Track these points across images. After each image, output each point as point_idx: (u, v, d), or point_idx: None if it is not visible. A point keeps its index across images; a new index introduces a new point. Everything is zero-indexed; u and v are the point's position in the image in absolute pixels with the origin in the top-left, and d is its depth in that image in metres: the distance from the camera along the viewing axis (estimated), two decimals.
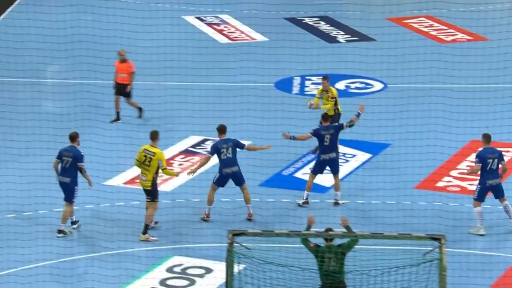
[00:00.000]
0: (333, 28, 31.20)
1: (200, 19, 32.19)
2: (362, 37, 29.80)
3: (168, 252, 16.51)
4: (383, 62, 25.71)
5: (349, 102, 21.87)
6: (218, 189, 17.65)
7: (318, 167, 18.24)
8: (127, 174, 19.63)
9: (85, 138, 17.86)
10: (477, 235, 16.98)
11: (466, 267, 15.25)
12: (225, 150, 17.36)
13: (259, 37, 29.92)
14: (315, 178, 18.28)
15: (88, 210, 17.78)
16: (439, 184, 19.27)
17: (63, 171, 17.07)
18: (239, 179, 17.51)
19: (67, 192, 17.04)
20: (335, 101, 20.15)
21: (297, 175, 19.80)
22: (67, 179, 17.02)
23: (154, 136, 17.11)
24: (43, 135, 19.24)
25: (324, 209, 17.77)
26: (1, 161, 19.96)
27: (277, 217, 17.72)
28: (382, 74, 25.84)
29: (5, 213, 17.92)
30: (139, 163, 17.00)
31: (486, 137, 17.18)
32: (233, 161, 17.41)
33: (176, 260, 16.26)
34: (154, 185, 16.93)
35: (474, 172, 17.08)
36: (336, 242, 13.56)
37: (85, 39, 24.02)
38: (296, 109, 20.99)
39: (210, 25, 31.51)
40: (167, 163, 17.39)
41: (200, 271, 15.89)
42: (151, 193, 16.92)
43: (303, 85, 25.62)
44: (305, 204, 18.10)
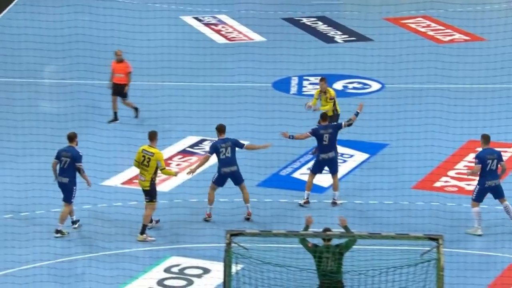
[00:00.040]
0: (331, 28, 31.19)
1: (198, 19, 32.16)
2: (360, 37, 29.79)
3: (166, 252, 16.50)
4: (381, 62, 25.70)
5: (347, 102, 21.88)
6: (217, 189, 17.64)
7: (317, 167, 18.24)
8: (125, 175, 19.61)
9: (83, 139, 17.84)
10: (475, 235, 16.98)
11: (464, 267, 15.25)
12: (224, 150, 17.36)
13: (257, 37, 29.90)
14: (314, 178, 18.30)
15: (86, 211, 17.76)
16: (437, 184, 19.26)
17: (62, 172, 17.06)
18: (238, 179, 17.50)
19: (66, 193, 17.03)
20: (334, 102, 20.16)
21: (295, 175, 19.79)
22: (66, 180, 17.00)
23: (153, 137, 17.10)
24: (40, 136, 19.21)
25: (322, 209, 17.76)
26: None
27: (275, 217, 17.71)
28: (380, 74, 25.83)
29: (3, 214, 17.89)
30: (138, 164, 16.99)
31: (485, 138, 17.13)
32: (232, 161, 17.40)
33: (174, 260, 16.25)
34: (153, 185, 16.92)
35: (474, 173, 17.02)
36: (334, 242, 13.56)
37: (82, 39, 24.00)
38: (294, 109, 20.98)
39: (208, 25, 31.49)
40: (165, 163, 17.37)
41: (198, 271, 15.88)
42: (150, 193, 16.91)
43: (301, 85, 25.61)
44: (306, 204, 18.10)
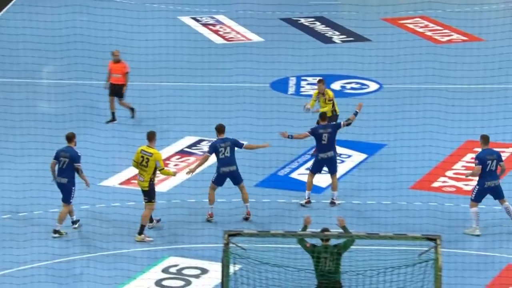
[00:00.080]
0: (329, 29, 31.21)
1: (196, 20, 32.17)
2: (358, 38, 29.81)
3: (164, 253, 16.50)
4: (379, 63, 25.70)
5: (345, 103, 21.88)
6: (217, 189, 17.64)
7: (316, 166, 18.24)
8: (123, 175, 19.61)
9: (81, 139, 17.84)
10: (473, 235, 16.98)
11: (462, 267, 15.25)
12: (223, 150, 17.36)
13: (255, 38, 29.91)
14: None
15: (84, 211, 17.75)
16: (435, 185, 19.27)
17: (60, 172, 17.05)
18: (237, 178, 17.50)
19: (65, 193, 17.02)
20: (332, 103, 20.16)
21: (293, 176, 19.80)
22: (65, 180, 16.99)
23: (151, 137, 17.10)
24: (38, 136, 19.21)
25: (320, 210, 17.77)
26: None
27: (273, 218, 17.71)
28: (378, 75, 25.85)
29: (1, 214, 17.87)
30: (137, 164, 16.98)
31: (484, 138, 17.08)
32: (231, 160, 17.41)
33: (172, 261, 16.25)
34: (151, 186, 16.91)
35: (475, 174, 16.94)
36: (332, 242, 13.56)
37: (80, 40, 23.99)
38: (292, 110, 20.99)
39: (206, 26, 31.49)
40: (164, 164, 17.36)
41: (196, 272, 15.88)
42: (148, 194, 16.90)
43: (299, 86, 25.62)
44: (308, 204, 18.09)
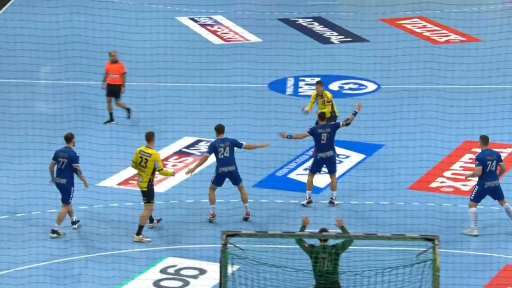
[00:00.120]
0: (327, 29, 31.22)
1: (194, 20, 32.17)
2: (356, 38, 29.82)
3: (162, 253, 16.49)
4: (377, 63, 25.73)
5: (343, 103, 21.88)
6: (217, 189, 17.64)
7: (316, 166, 18.24)
8: (121, 175, 19.60)
9: (79, 139, 17.83)
10: (471, 236, 16.98)
11: (460, 268, 15.26)
12: (223, 150, 17.37)
13: (253, 38, 29.91)
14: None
15: (82, 211, 17.74)
16: (433, 185, 19.28)
17: (59, 172, 17.03)
18: (236, 178, 17.50)
19: (64, 193, 17.00)
20: (331, 104, 20.15)
21: (291, 176, 19.80)
22: (64, 180, 16.98)
23: (150, 137, 17.09)
24: (36, 136, 19.20)
25: (319, 210, 17.78)
26: None
27: (271, 218, 17.71)
28: (376, 75, 25.86)
29: None
30: (135, 165, 16.97)
31: (484, 139, 17.03)
32: (230, 160, 17.41)
33: (170, 261, 16.24)
34: (150, 186, 16.90)
35: (475, 176, 16.89)
36: (331, 243, 13.56)
37: (78, 40, 23.98)
38: (290, 110, 20.99)
39: (204, 26, 31.49)
40: (162, 164, 17.34)
41: (194, 272, 15.87)
42: (147, 194, 16.89)
43: (297, 86, 25.62)
44: (309, 204, 18.09)
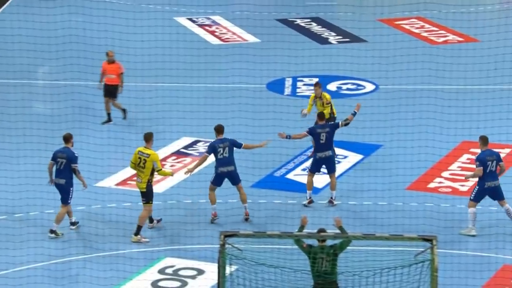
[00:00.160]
0: (325, 30, 31.23)
1: (192, 20, 32.17)
2: (354, 39, 29.83)
3: (160, 254, 16.49)
4: (375, 63, 25.74)
5: (341, 104, 21.89)
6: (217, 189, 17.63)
7: (315, 166, 18.25)
8: (119, 176, 19.60)
9: (77, 140, 17.81)
10: (469, 236, 16.98)
11: (458, 268, 15.26)
12: (222, 150, 17.36)
13: (251, 38, 29.92)
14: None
15: (80, 212, 17.73)
16: (431, 185, 19.28)
17: (58, 173, 17.02)
18: (235, 179, 17.50)
19: (63, 194, 16.99)
20: (330, 105, 20.15)
21: (289, 176, 19.80)
22: (63, 181, 16.96)
23: (148, 138, 17.06)
24: (34, 137, 19.19)
25: (317, 210, 17.78)
26: None
27: (269, 218, 17.71)
28: (374, 75, 25.87)
29: None
30: (134, 166, 16.95)
31: (483, 140, 17.01)
32: (229, 161, 17.41)
33: (168, 262, 16.24)
34: (149, 187, 16.88)
35: (476, 176, 16.86)
36: (329, 243, 13.55)
37: (76, 40, 23.97)
38: (288, 110, 20.98)
39: (202, 26, 31.50)
40: (161, 164, 17.33)
41: (192, 273, 15.87)
42: (146, 195, 16.88)
43: (295, 87, 25.63)
44: (310, 204, 18.08)
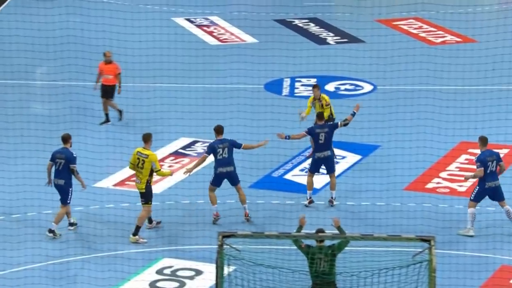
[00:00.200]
0: (323, 30, 31.24)
1: (190, 21, 32.16)
2: (352, 39, 29.84)
3: (158, 254, 16.48)
4: (373, 64, 25.74)
5: (339, 104, 21.89)
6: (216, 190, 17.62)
7: (314, 166, 18.25)
8: (117, 176, 19.58)
9: (74, 140, 17.79)
10: (466, 236, 16.99)
11: (456, 268, 15.26)
12: (221, 150, 17.36)
13: (249, 39, 29.92)
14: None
15: (78, 212, 17.71)
16: (429, 186, 19.28)
17: (57, 173, 17.01)
18: (234, 179, 17.50)
19: (62, 194, 16.97)
20: (329, 107, 20.15)
21: (287, 177, 19.80)
22: (62, 181, 16.95)
23: (147, 138, 17.04)
24: (32, 137, 19.18)
25: (315, 210, 17.78)
26: None
27: (267, 219, 17.71)
28: (372, 76, 25.87)
29: None
30: (133, 166, 16.94)
31: (483, 140, 17.00)
32: (229, 161, 17.40)
33: (166, 262, 16.23)
34: (148, 188, 16.87)
35: (477, 177, 16.84)
36: (327, 243, 13.55)
37: (74, 41, 23.95)
38: (286, 111, 20.98)
39: (200, 27, 31.49)
40: (159, 165, 17.31)
41: (190, 273, 15.86)
42: (145, 196, 16.87)
43: (293, 87, 25.63)
44: (311, 204, 18.08)
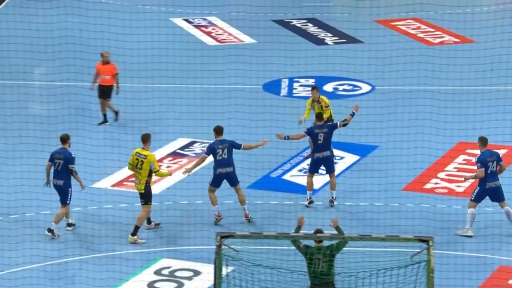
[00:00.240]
0: (321, 30, 31.25)
1: (188, 21, 32.17)
2: (350, 39, 29.85)
3: (157, 255, 16.48)
4: (371, 64, 25.76)
5: (337, 104, 21.89)
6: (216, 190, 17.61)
7: (314, 166, 18.26)
8: (115, 177, 19.58)
9: (73, 141, 17.79)
10: (465, 236, 16.99)
11: (454, 269, 15.27)
12: (221, 151, 17.36)
13: (247, 39, 29.93)
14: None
15: (76, 213, 17.71)
16: (427, 186, 19.29)
17: (56, 174, 17.00)
18: (233, 180, 17.50)
19: (62, 195, 16.97)
20: (329, 109, 20.14)
21: (285, 177, 19.81)
22: (61, 182, 16.94)
23: (146, 139, 17.04)
24: (30, 138, 19.18)
25: (313, 211, 17.78)
26: None
27: (266, 219, 17.71)
28: (370, 76, 25.89)
29: None
30: (132, 167, 16.93)
31: (483, 141, 16.99)
32: (228, 162, 17.40)
33: (165, 263, 16.23)
34: (148, 188, 16.86)
35: (478, 178, 16.82)
36: (326, 243, 13.55)
37: (72, 41, 23.96)
38: (284, 111, 20.99)
39: (198, 27, 31.50)
40: (158, 166, 17.31)
41: (188, 274, 15.86)
42: (144, 196, 16.86)
43: (291, 87, 25.63)
44: (311, 204, 18.09)
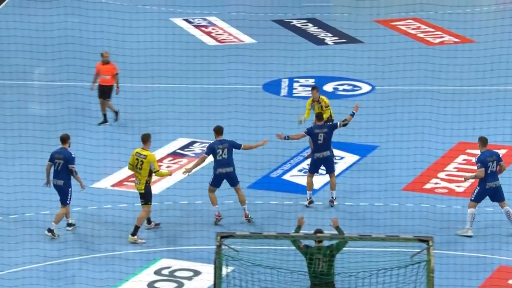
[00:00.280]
0: (321, 30, 31.25)
1: (188, 21, 32.17)
2: (350, 39, 29.85)
3: (157, 255, 16.48)
4: (371, 64, 25.77)
5: (337, 104, 21.89)
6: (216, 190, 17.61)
7: (314, 166, 18.26)
8: (115, 177, 19.58)
9: (72, 141, 17.80)
10: (465, 236, 16.99)
11: (454, 269, 15.27)
12: (221, 151, 17.36)
13: (247, 39, 29.93)
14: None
15: (76, 213, 17.71)
16: (427, 186, 19.30)
17: (56, 174, 16.99)
18: (233, 180, 17.49)
19: (62, 195, 16.96)
20: (329, 109, 20.13)
21: (285, 177, 19.80)
22: (61, 182, 16.94)
23: (146, 139, 17.03)
24: (30, 138, 19.18)
25: (313, 211, 17.78)
26: None
27: (265, 219, 17.71)
28: (370, 76, 25.89)
29: None
30: (132, 167, 16.92)
31: (483, 141, 16.99)
32: (228, 162, 17.40)
33: (164, 263, 16.23)
34: (148, 188, 16.86)
35: (478, 178, 16.82)
36: (326, 243, 13.55)
37: (72, 41, 23.96)
38: (284, 111, 20.99)
39: (198, 27, 31.50)
40: (158, 166, 17.31)
41: (188, 274, 15.86)
42: (144, 196, 16.86)
43: (291, 87, 25.63)
44: (311, 204, 18.09)
